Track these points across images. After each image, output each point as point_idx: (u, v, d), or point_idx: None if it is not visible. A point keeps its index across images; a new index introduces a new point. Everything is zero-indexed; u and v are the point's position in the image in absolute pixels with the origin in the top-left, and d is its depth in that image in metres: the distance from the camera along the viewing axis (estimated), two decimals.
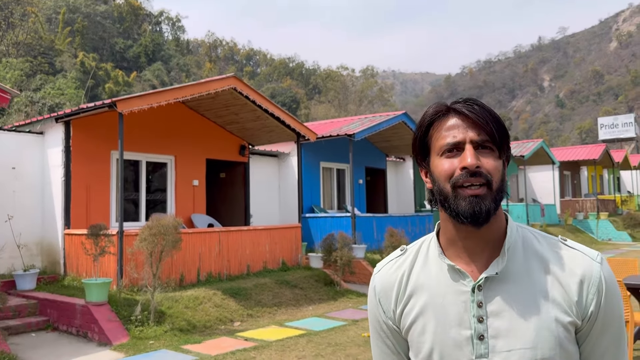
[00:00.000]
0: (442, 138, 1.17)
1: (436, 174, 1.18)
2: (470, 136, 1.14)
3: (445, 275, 1.20)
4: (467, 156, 1.12)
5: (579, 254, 1.17)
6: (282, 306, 9.08)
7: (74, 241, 9.27)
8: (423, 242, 1.29)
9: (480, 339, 1.13)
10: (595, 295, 1.13)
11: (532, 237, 1.22)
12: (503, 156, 1.17)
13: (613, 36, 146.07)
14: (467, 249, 1.18)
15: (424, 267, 1.24)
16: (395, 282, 1.26)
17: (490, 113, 1.16)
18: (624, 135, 43.09)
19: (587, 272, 1.14)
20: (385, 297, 1.27)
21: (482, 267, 1.17)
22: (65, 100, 32.31)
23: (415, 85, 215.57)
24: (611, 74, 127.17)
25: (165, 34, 65.98)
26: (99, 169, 10.18)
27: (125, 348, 6.69)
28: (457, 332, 1.15)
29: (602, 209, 26.39)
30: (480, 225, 1.13)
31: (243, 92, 10.71)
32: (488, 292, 1.15)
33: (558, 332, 1.11)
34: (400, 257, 1.30)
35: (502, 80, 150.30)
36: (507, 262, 1.16)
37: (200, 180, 12.19)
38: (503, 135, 1.16)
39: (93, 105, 8.90)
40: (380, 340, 1.30)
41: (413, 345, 1.21)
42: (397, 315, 1.24)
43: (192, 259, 9.35)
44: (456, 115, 1.17)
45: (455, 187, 1.13)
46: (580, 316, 1.12)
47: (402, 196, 19.45)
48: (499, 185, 1.14)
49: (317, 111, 57.51)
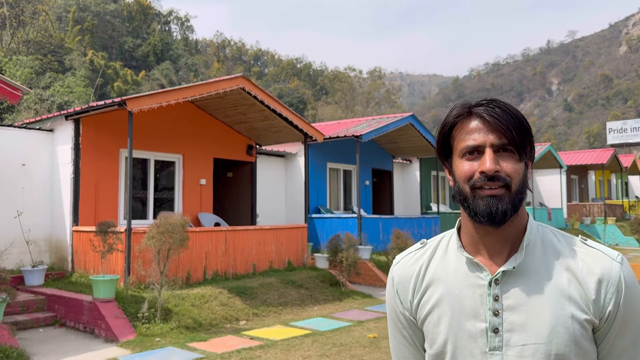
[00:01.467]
0: (463, 140, 1.19)
1: (457, 174, 1.21)
2: (491, 140, 1.16)
3: (463, 268, 1.22)
4: (486, 160, 1.15)
5: (599, 253, 1.18)
6: (287, 306, 9.11)
7: (82, 238, 9.33)
8: (443, 237, 1.31)
9: (495, 332, 1.14)
10: (614, 294, 1.13)
11: (552, 235, 1.23)
12: (525, 158, 1.19)
13: (623, 40, 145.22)
14: (487, 245, 1.21)
15: (443, 259, 1.26)
16: (413, 273, 1.28)
17: (512, 116, 1.17)
18: (633, 140, 42.83)
19: (606, 271, 1.14)
20: (403, 288, 1.29)
21: (501, 262, 1.19)
22: (74, 99, 32.51)
23: (422, 87, 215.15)
24: (620, 78, 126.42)
25: (174, 33, 66.25)
26: (108, 167, 10.25)
27: (132, 345, 6.73)
28: (472, 324, 1.16)
29: (610, 214, 26.25)
30: (498, 225, 1.15)
31: (251, 92, 10.75)
32: (505, 286, 1.16)
33: (574, 329, 1.11)
34: (420, 250, 1.32)
35: (510, 84, 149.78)
36: (525, 258, 1.17)
37: (208, 179, 12.24)
38: (524, 138, 1.17)
39: (103, 104, 8.96)
40: (397, 331, 1.32)
41: (428, 336, 1.23)
42: (414, 306, 1.26)
43: (198, 258, 9.40)
44: (477, 118, 1.19)
45: (474, 188, 1.16)
46: (598, 315, 1.13)
47: (409, 198, 19.44)
48: (518, 187, 1.16)
49: (324, 112, 57.54)
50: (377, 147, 17.41)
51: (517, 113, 1.18)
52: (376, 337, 7.19)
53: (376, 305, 9.61)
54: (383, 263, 12.50)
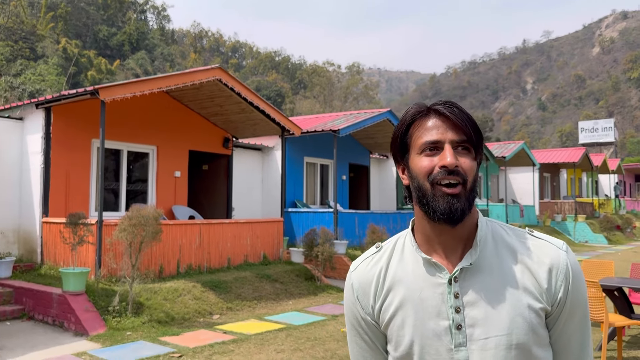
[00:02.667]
0: (422, 137, 1.21)
1: (416, 171, 1.22)
2: (450, 136, 1.19)
3: (422, 269, 1.24)
4: (446, 155, 1.17)
5: (546, 244, 1.23)
6: (262, 300, 9.06)
7: (52, 229, 9.13)
8: (398, 239, 1.33)
9: (458, 328, 1.17)
10: (563, 281, 1.19)
11: (502, 229, 1.27)
12: (478, 157, 1.23)
13: (596, 41, 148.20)
14: (442, 244, 1.23)
15: (400, 262, 1.28)
16: (373, 278, 1.29)
17: (467, 116, 1.21)
18: (604, 140, 43.83)
19: (554, 260, 1.20)
20: (364, 294, 1.30)
21: (456, 260, 1.22)
22: (46, 87, 31.77)
23: (400, 84, 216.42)
24: (593, 79, 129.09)
25: (150, 22, 65.23)
26: (79, 157, 10.03)
27: (102, 338, 6.62)
28: (436, 323, 1.19)
29: (580, 212, 26.82)
30: (455, 223, 1.19)
31: (228, 83, 10.63)
32: (463, 283, 1.20)
33: (531, 318, 1.16)
34: (377, 254, 1.33)
35: (485, 82, 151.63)
36: (480, 253, 1.21)
37: (183, 171, 12.09)
38: (479, 138, 1.22)
39: (75, 92, 8.75)
40: (358, 337, 1.33)
41: (392, 338, 1.24)
42: (377, 311, 1.27)
43: (172, 251, 9.28)
44: (437, 116, 1.22)
45: (434, 184, 1.18)
46: (550, 302, 1.18)
47: (385, 193, 19.53)
48: (472, 185, 1.20)
49: (302, 106, 57.43)
50: (355, 142, 17.43)
51: (470, 115, 1.23)
52: None
53: None
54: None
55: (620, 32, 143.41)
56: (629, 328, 7.03)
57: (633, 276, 7.23)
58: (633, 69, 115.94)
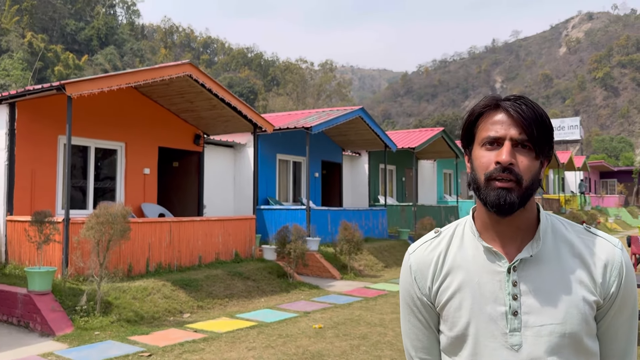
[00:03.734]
0: (485, 130, 1.26)
1: (475, 163, 1.28)
2: (511, 134, 1.22)
3: (482, 256, 1.29)
4: (503, 152, 1.21)
5: (603, 241, 1.29)
6: (233, 298, 9.00)
7: (16, 228, 8.89)
8: (458, 225, 1.38)
9: (514, 314, 1.23)
10: (617, 277, 1.25)
11: (561, 224, 1.32)
12: (541, 157, 1.26)
13: (563, 42, 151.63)
14: (500, 233, 1.28)
15: (460, 248, 1.33)
16: (432, 261, 1.35)
17: (535, 114, 1.23)
18: (570, 138, 44.90)
19: (610, 257, 1.26)
20: (422, 275, 1.36)
21: (514, 250, 1.27)
22: (11, 82, 30.93)
23: (372, 82, 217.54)
24: (559, 78, 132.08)
25: (119, 17, 64.06)
26: (45, 154, 9.79)
27: (69, 339, 6.48)
28: (493, 308, 1.25)
29: (547, 208, 27.42)
30: (504, 215, 1.23)
31: (199, 79, 10.51)
32: (522, 272, 1.25)
33: (585, 310, 1.22)
34: (435, 239, 1.39)
35: (456, 80, 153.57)
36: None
37: (152, 168, 11.91)
38: (544, 137, 1.24)
39: (40, 88, 8.53)
40: (412, 316, 1.39)
41: (448, 319, 1.30)
42: (434, 292, 1.33)
43: (141, 249, 9.14)
44: (503, 112, 1.25)
45: (489, 179, 1.23)
46: (603, 296, 1.24)
47: (357, 190, 19.62)
48: (529, 183, 1.23)
49: (275, 103, 57.23)
50: (327, 140, 17.45)
51: (542, 112, 1.24)
52: (322, 327, 7.21)
53: (323, 296, 9.66)
54: (331, 254, 12.57)
55: (586, 33, 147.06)
56: None
57: None
58: (598, 69, 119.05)
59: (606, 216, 32.69)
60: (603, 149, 74.98)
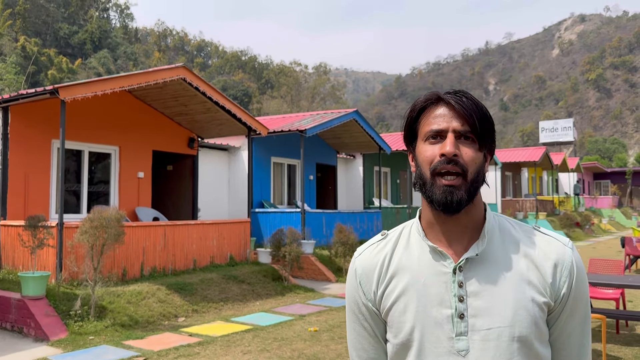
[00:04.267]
0: (428, 124, 1.22)
1: (420, 159, 1.23)
2: (454, 126, 1.19)
3: (427, 257, 1.24)
4: (447, 144, 1.18)
5: (553, 240, 1.24)
6: (228, 301, 8.99)
7: (10, 233, 8.85)
8: (404, 227, 1.33)
9: (461, 317, 1.17)
10: (567, 278, 1.20)
11: (509, 224, 1.28)
12: (484, 149, 1.23)
13: (555, 43, 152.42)
14: (446, 232, 1.24)
15: (406, 249, 1.28)
16: (377, 264, 1.29)
17: (476, 106, 1.21)
18: (563, 139, 45.09)
19: (560, 256, 1.21)
20: (367, 279, 1.30)
21: (461, 249, 1.22)
22: (4, 86, 30.80)
23: (367, 84, 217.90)
24: (553, 80, 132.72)
25: (112, 21, 63.91)
26: (39, 158, 9.75)
27: (64, 344, 6.45)
28: (438, 311, 1.19)
29: (541, 209, 27.53)
30: (452, 213, 1.19)
31: (193, 83, 10.51)
32: (468, 273, 1.20)
33: (534, 312, 1.16)
34: (382, 242, 1.33)
35: (449, 83, 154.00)
36: (486, 245, 1.21)
37: (146, 172, 11.88)
38: (487, 129, 1.21)
39: (34, 92, 8.50)
40: (357, 323, 1.33)
41: (393, 325, 1.24)
42: (378, 297, 1.27)
43: (135, 253, 9.12)
44: (444, 105, 1.22)
45: (434, 174, 1.19)
46: (554, 297, 1.19)
47: (352, 192, 19.64)
48: (474, 176, 1.19)
49: (269, 106, 57.23)
50: (322, 142, 17.46)
51: (482, 106, 1.22)
52: (317, 330, 7.21)
53: (318, 299, 9.65)
54: (326, 257, 12.57)
55: (579, 35, 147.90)
56: None
57: (591, 271, 7.47)
58: (591, 71, 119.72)
59: (600, 217, 32.85)
60: (596, 150, 75.38)
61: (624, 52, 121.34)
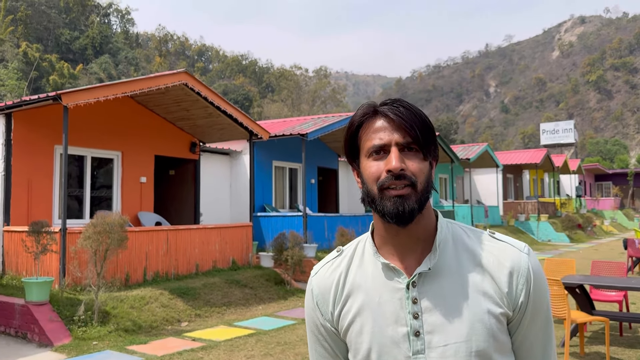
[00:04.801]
0: (369, 140, 1.18)
1: (365, 175, 1.19)
2: (396, 139, 1.15)
3: (381, 274, 1.20)
4: (392, 159, 1.14)
5: (508, 246, 1.20)
6: (231, 306, 9.00)
7: (13, 238, 8.87)
8: (359, 243, 1.30)
9: (417, 335, 1.14)
10: (524, 285, 1.16)
11: (462, 232, 1.24)
12: (429, 157, 1.19)
13: (555, 45, 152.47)
14: (399, 246, 1.20)
15: (360, 267, 1.24)
16: (332, 283, 1.26)
17: (415, 115, 1.17)
18: (564, 141, 45.09)
19: (515, 263, 1.17)
20: (323, 300, 1.27)
21: (415, 263, 1.18)
22: (6, 92, 30.89)
23: (367, 87, 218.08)
24: (553, 82, 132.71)
25: (113, 26, 64.07)
26: (42, 164, 9.79)
27: (67, 349, 6.47)
28: (394, 329, 1.16)
29: (543, 211, 27.51)
30: (405, 224, 1.15)
31: (194, 88, 10.55)
32: (422, 288, 1.16)
33: (491, 324, 1.13)
34: (337, 259, 1.30)
35: (450, 85, 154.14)
36: (438, 257, 1.18)
37: (148, 177, 11.91)
38: (428, 137, 1.18)
39: (37, 98, 8.54)
40: (318, 344, 1.30)
41: (352, 346, 1.21)
42: (335, 317, 1.24)
43: (138, 258, 9.14)
44: (383, 118, 1.18)
45: (382, 189, 1.15)
46: (511, 307, 1.15)
47: (354, 196, 19.65)
48: (424, 186, 1.16)
49: (270, 110, 57.28)
50: (323, 146, 17.49)
51: (420, 113, 1.18)
52: None
53: None
54: None
55: (579, 37, 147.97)
56: (590, 324, 7.25)
57: (593, 273, 7.47)
58: (591, 72, 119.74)
59: (602, 219, 32.83)
60: (598, 152, 75.31)
61: (624, 54, 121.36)
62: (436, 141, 1.22)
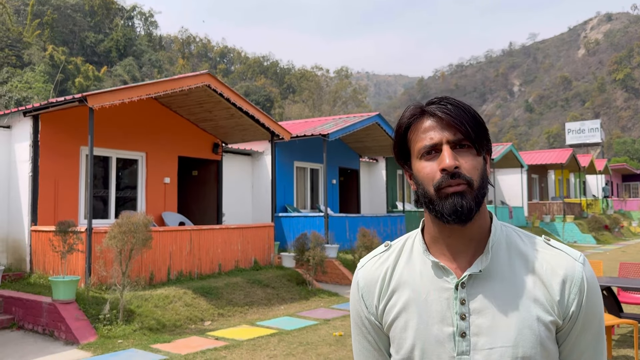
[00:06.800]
0: (419, 141, 1.17)
1: (419, 177, 1.18)
2: (446, 137, 1.14)
3: (429, 272, 1.20)
4: (445, 157, 1.13)
5: (562, 254, 1.18)
6: (253, 305, 9.04)
7: (40, 238, 9.06)
8: (407, 239, 1.29)
9: (462, 336, 1.13)
10: (577, 295, 1.14)
11: (516, 236, 1.22)
12: (482, 152, 1.18)
13: (581, 43, 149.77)
14: (451, 246, 1.19)
15: (408, 263, 1.24)
16: (379, 277, 1.26)
17: (464, 111, 1.16)
18: (590, 141, 44.28)
19: (569, 272, 1.15)
20: (369, 293, 1.27)
21: (465, 264, 1.17)
22: (33, 94, 31.55)
23: (388, 87, 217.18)
24: (579, 80, 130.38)
25: (137, 29, 64.97)
26: (68, 165, 9.97)
27: (93, 347, 6.57)
28: (440, 328, 1.15)
29: (568, 212, 27.04)
30: (464, 222, 1.13)
31: (217, 89, 10.63)
32: (471, 289, 1.15)
33: (539, 331, 1.11)
34: (385, 253, 1.29)
35: (473, 84, 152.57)
36: (490, 260, 1.16)
37: (172, 177, 12.05)
38: (480, 132, 1.16)
39: (63, 100, 8.71)
40: (361, 336, 1.30)
41: (395, 341, 1.21)
42: (380, 311, 1.24)
43: (162, 258, 9.24)
44: (431, 117, 1.17)
45: (439, 189, 1.14)
46: (562, 316, 1.13)
47: (375, 197, 19.58)
48: (479, 183, 1.15)
49: (291, 110, 57.46)
50: (344, 146, 17.47)
51: (469, 108, 1.17)
52: (342, 335, 7.21)
53: (342, 303, 9.65)
54: (349, 261, 12.55)
55: (605, 34, 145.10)
56: (618, 327, 7.11)
57: (621, 275, 7.32)
58: (618, 70, 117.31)
59: (629, 220, 32.14)
60: (625, 152, 73.74)
61: None
62: (488, 135, 1.20)
